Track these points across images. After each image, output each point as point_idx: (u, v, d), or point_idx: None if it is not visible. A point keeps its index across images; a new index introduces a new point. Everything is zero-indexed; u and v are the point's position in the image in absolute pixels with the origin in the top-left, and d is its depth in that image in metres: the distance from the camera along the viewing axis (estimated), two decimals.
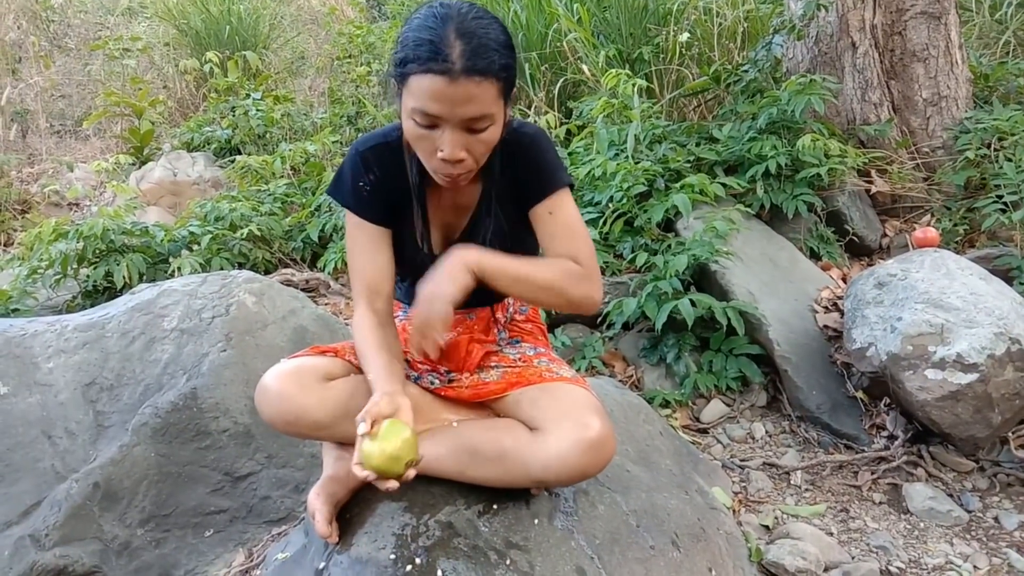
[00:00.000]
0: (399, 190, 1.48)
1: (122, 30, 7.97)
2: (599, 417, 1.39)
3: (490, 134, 1.31)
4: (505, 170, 1.47)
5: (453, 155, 1.28)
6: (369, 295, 1.49)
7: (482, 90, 1.23)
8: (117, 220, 3.53)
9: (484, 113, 1.26)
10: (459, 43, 1.21)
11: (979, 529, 2.14)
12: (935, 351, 2.23)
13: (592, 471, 1.39)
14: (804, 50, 3.86)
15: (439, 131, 1.27)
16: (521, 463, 1.39)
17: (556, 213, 1.48)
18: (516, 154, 1.47)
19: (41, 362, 2.15)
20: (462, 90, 1.22)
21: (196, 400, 2.04)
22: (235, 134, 5.53)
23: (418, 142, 1.32)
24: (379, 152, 1.48)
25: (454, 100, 1.23)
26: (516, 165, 1.47)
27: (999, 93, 3.79)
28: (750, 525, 2.10)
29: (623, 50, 4.29)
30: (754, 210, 3.32)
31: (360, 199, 1.48)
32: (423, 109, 1.24)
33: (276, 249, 3.92)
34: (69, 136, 6.95)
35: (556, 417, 1.40)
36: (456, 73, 1.20)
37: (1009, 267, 2.81)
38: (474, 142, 1.30)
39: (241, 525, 1.99)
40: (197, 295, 2.30)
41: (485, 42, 1.23)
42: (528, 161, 1.48)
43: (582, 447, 1.34)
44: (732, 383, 2.72)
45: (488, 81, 1.23)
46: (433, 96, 1.22)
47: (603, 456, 1.37)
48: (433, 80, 1.21)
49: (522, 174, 1.48)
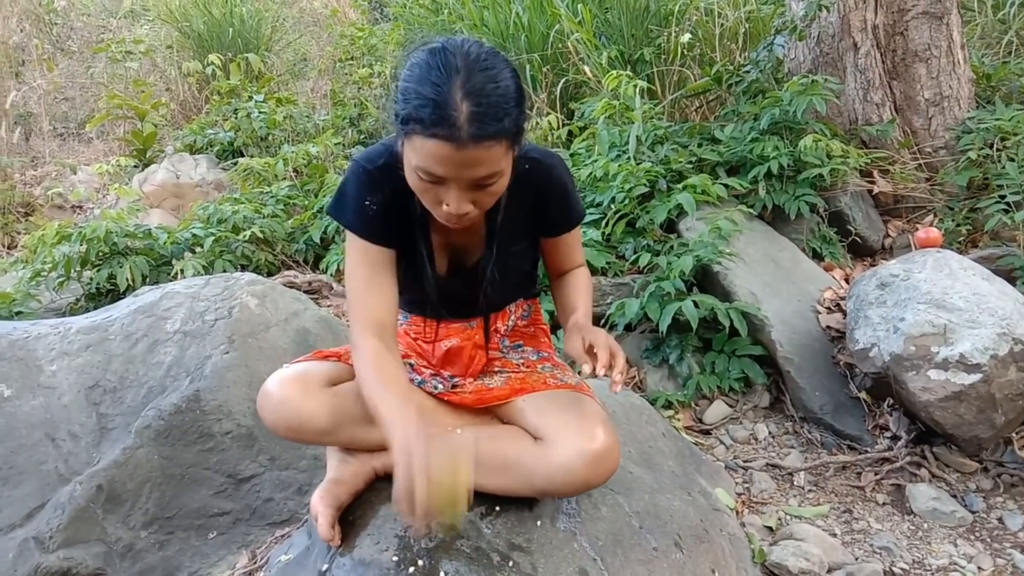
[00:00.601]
0: (407, 211, 1.41)
1: (124, 33, 7.98)
2: (604, 428, 1.38)
3: (498, 186, 1.25)
4: (523, 197, 1.43)
5: (459, 211, 1.23)
6: (376, 328, 1.38)
7: (491, 152, 1.16)
8: (120, 223, 3.54)
9: (493, 172, 1.20)
10: (466, 105, 1.12)
11: (983, 530, 2.13)
12: (938, 351, 2.23)
13: (596, 482, 1.38)
14: (806, 51, 3.86)
15: (444, 187, 1.21)
16: (525, 473, 1.39)
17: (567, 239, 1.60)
18: (538, 186, 1.43)
19: (44, 365, 2.15)
20: (470, 156, 1.15)
21: (199, 402, 2.05)
22: (238, 136, 5.54)
23: (422, 194, 1.26)
24: (387, 170, 1.37)
25: (462, 164, 1.16)
26: (538, 196, 1.44)
27: (1002, 93, 3.79)
28: (753, 526, 2.10)
29: (625, 51, 4.30)
30: (756, 211, 3.32)
31: (365, 219, 1.39)
32: (427, 169, 1.18)
33: (279, 251, 3.92)
34: (72, 139, 6.97)
35: (560, 427, 1.39)
36: (463, 140, 1.12)
37: (1012, 267, 2.80)
38: (481, 196, 1.25)
39: (244, 527, 1.99)
40: (200, 297, 2.31)
41: (494, 101, 1.14)
42: (552, 195, 1.47)
43: (586, 459, 1.33)
44: (735, 384, 2.72)
45: (497, 142, 1.16)
46: (439, 161, 1.16)
47: (607, 468, 1.37)
48: (439, 146, 1.13)
49: (544, 206, 1.46)
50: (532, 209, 1.46)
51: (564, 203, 1.49)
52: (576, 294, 1.57)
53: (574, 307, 1.54)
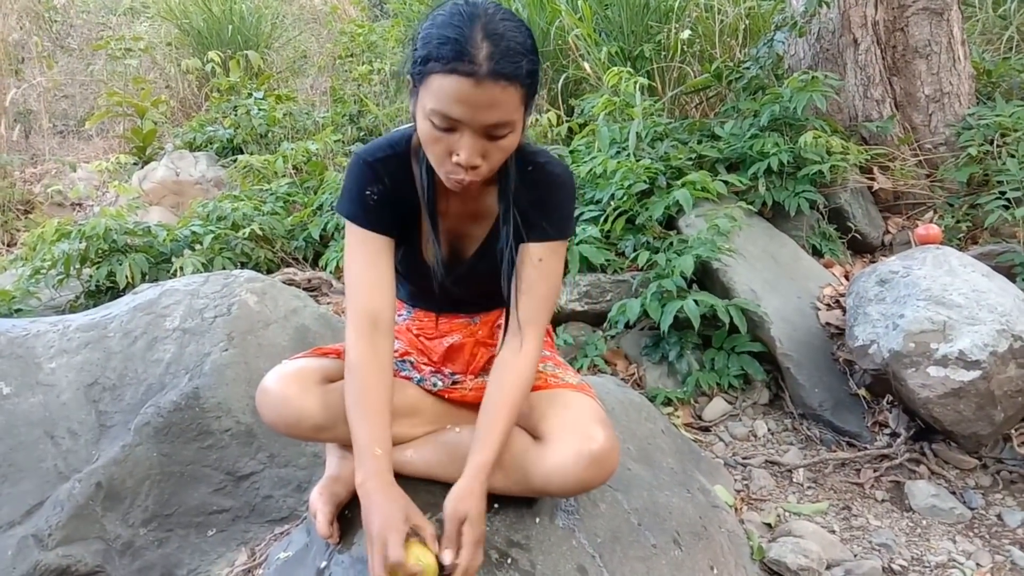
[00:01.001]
0: (407, 202, 1.42)
1: (124, 30, 7.98)
2: (603, 429, 1.37)
3: (509, 141, 1.25)
4: (523, 196, 1.41)
5: (470, 161, 1.22)
6: (370, 325, 1.37)
7: (507, 96, 1.18)
8: (119, 220, 3.54)
9: (506, 120, 1.21)
10: (486, 44, 1.14)
11: (982, 526, 2.13)
12: (937, 348, 2.23)
13: (594, 484, 1.37)
14: (806, 47, 3.86)
15: (457, 135, 1.21)
16: (522, 473, 1.39)
17: (546, 261, 1.44)
18: (540, 188, 1.41)
19: (44, 362, 2.15)
20: (487, 94, 1.16)
21: (198, 400, 2.05)
22: (237, 133, 5.54)
23: (432, 144, 1.25)
24: (387, 162, 1.40)
25: (477, 104, 1.17)
26: (532, 199, 1.41)
27: (1002, 89, 3.78)
28: (752, 523, 2.10)
29: (625, 47, 4.29)
30: (756, 207, 3.31)
31: (366, 209, 1.39)
32: (444, 111, 1.18)
33: (278, 248, 3.92)
34: (72, 136, 6.96)
35: (559, 428, 1.39)
36: (482, 76, 1.14)
37: (1012, 264, 2.80)
38: (492, 148, 1.24)
39: (243, 524, 1.99)
40: (199, 295, 2.31)
41: (513, 45, 1.17)
42: (549, 200, 1.43)
43: (585, 460, 1.32)
44: (734, 381, 2.72)
45: (513, 87, 1.18)
46: (456, 98, 1.16)
47: (606, 469, 1.36)
48: (457, 82, 1.15)
49: (534, 210, 1.42)
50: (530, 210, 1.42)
51: (555, 207, 1.43)
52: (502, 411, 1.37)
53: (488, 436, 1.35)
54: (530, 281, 1.43)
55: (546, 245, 1.43)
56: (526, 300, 1.43)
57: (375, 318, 1.38)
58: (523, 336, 1.42)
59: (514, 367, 1.41)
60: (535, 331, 1.44)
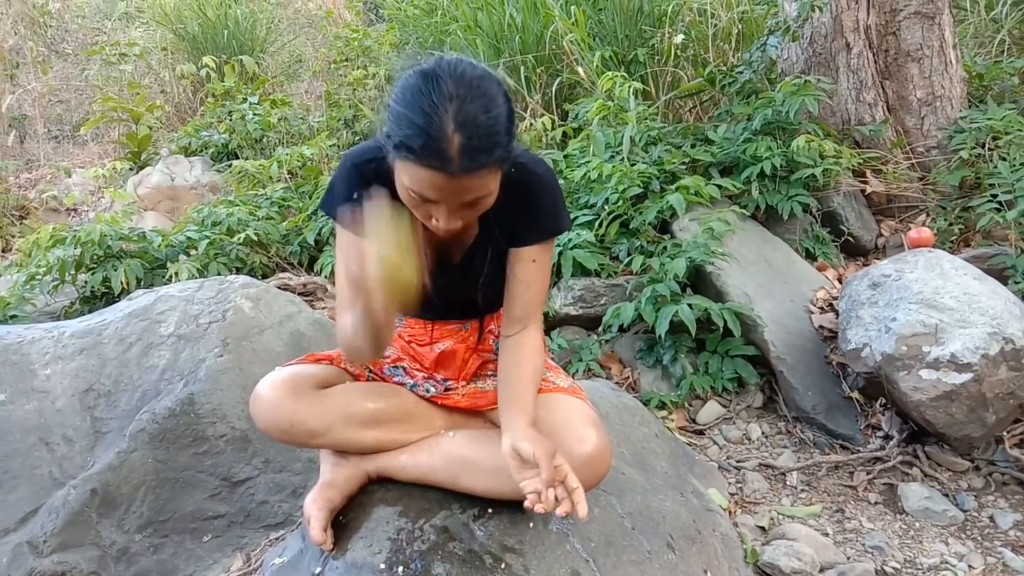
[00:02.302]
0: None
1: (119, 35, 7.98)
2: (595, 431, 1.39)
3: (486, 203, 1.26)
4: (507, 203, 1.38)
5: (448, 228, 1.23)
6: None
7: (482, 180, 1.18)
8: (115, 226, 3.54)
9: (483, 194, 1.21)
10: (457, 137, 1.11)
11: (974, 528, 2.14)
12: (929, 351, 2.24)
13: (587, 485, 1.38)
14: (799, 51, 3.87)
15: (434, 204, 1.21)
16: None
17: (539, 261, 1.46)
18: (523, 193, 1.41)
19: (38, 369, 2.16)
20: (461, 185, 1.16)
21: (193, 406, 2.05)
22: (232, 138, 5.54)
23: (413, 207, 1.25)
24: (375, 166, 1.36)
25: (452, 192, 1.17)
26: (521, 203, 1.41)
27: (994, 92, 3.80)
28: (746, 526, 2.11)
29: (618, 52, 4.31)
30: (749, 211, 3.33)
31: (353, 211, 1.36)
32: (420, 193, 1.18)
33: (273, 253, 3.92)
34: (67, 141, 6.96)
35: (551, 431, 1.39)
36: (455, 171, 1.13)
37: (1004, 266, 2.81)
38: (471, 212, 1.25)
39: (239, 530, 2.00)
40: (194, 300, 2.31)
41: (485, 132, 1.13)
42: (536, 204, 1.43)
43: (578, 463, 1.33)
44: (728, 384, 2.73)
45: (487, 170, 1.17)
46: (430, 188, 1.16)
47: (598, 471, 1.38)
48: (431, 175, 1.14)
49: (520, 212, 1.43)
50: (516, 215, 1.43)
51: (540, 209, 1.44)
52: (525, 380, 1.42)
53: (519, 399, 1.40)
54: (527, 280, 1.46)
55: (539, 246, 1.45)
56: (525, 297, 1.47)
57: None
58: (527, 325, 1.47)
59: (525, 344, 1.46)
60: (537, 320, 1.49)
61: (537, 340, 1.49)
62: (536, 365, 1.46)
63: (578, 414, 1.43)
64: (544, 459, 1.24)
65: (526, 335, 1.47)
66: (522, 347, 1.46)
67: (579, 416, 1.43)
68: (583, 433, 1.37)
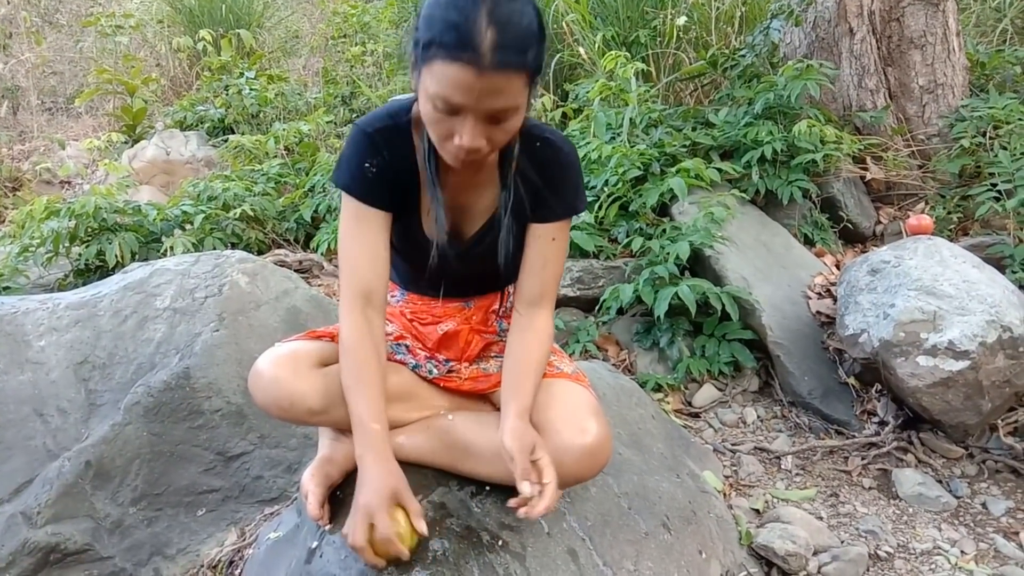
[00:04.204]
0: (407, 174, 1.40)
1: (114, 7, 7.88)
2: (597, 420, 1.38)
3: (512, 123, 1.23)
4: (526, 173, 1.41)
5: (472, 144, 1.19)
6: (363, 300, 1.38)
7: (511, 83, 1.15)
8: (109, 198, 3.51)
9: (510, 105, 1.18)
10: (491, 32, 1.09)
11: (967, 515, 2.15)
12: (927, 338, 2.24)
13: (587, 476, 1.38)
14: (801, 35, 3.85)
15: (459, 118, 1.18)
16: None
17: (558, 240, 1.46)
18: (544, 163, 1.41)
19: (33, 340, 2.14)
20: (491, 84, 1.12)
21: (188, 380, 2.04)
22: (228, 113, 5.50)
23: (434, 125, 1.22)
24: (388, 134, 1.36)
25: (481, 93, 1.13)
26: (541, 175, 1.41)
27: (995, 81, 3.79)
28: (740, 509, 2.12)
29: (620, 33, 4.27)
30: (749, 196, 3.32)
31: (364, 181, 1.36)
32: (446, 97, 1.15)
33: (269, 229, 3.90)
34: (61, 113, 6.90)
35: (553, 419, 1.38)
36: (486, 66, 1.10)
37: (1002, 255, 2.82)
38: (495, 131, 1.21)
39: (233, 504, 1.99)
40: (190, 275, 2.29)
41: (519, 31, 1.13)
42: (560, 179, 1.42)
43: (579, 452, 1.33)
44: (724, 368, 2.73)
45: (518, 74, 1.15)
46: (458, 87, 1.13)
47: (598, 462, 1.37)
48: (461, 70, 1.11)
49: (544, 186, 1.41)
50: (537, 187, 1.42)
51: (564, 184, 1.43)
52: (527, 368, 1.42)
53: (518, 387, 1.40)
54: (544, 259, 1.46)
55: (559, 224, 1.45)
56: (541, 276, 1.46)
57: (368, 293, 1.38)
58: (539, 307, 1.47)
59: (535, 330, 1.46)
60: (549, 303, 1.49)
61: (547, 327, 1.48)
62: (541, 354, 1.45)
63: (581, 403, 1.42)
64: (519, 453, 1.26)
65: (538, 319, 1.47)
66: (531, 332, 1.46)
67: (581, 405, 1.41)
68: (585, 424, 1.36)
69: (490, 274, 1.48)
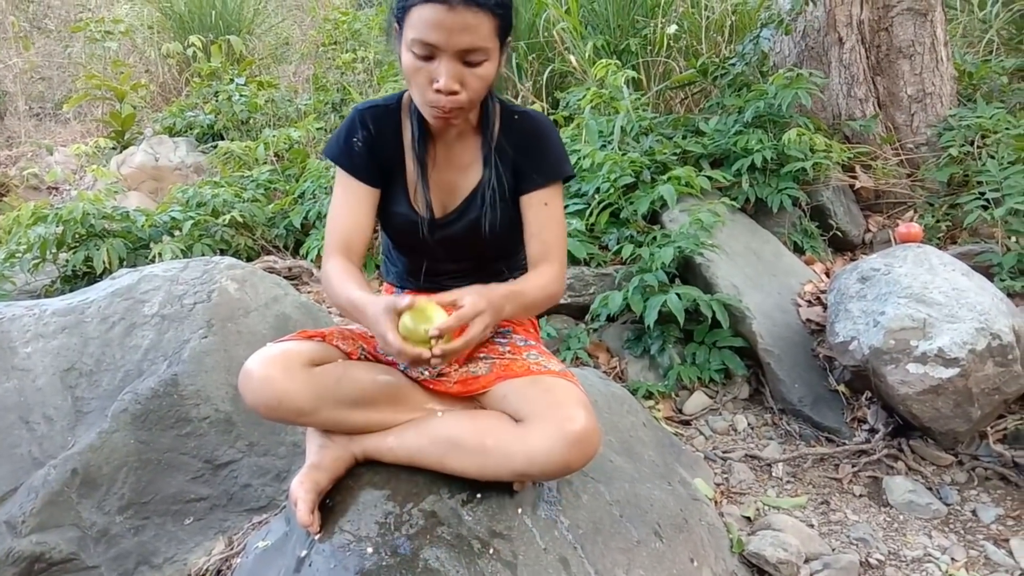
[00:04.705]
0: (392, 152, 1.56)
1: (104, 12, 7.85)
2: (584, 410, 1.38)
3: (485, 69, 1.38)
4: (507, 147, 1.55)
5: (448, 85, 1.35)
6: (344, 249, 1.52)
7: (478, 21, 1.31)
8: (97, 204, 3.49)
9: (479, 46, 1.34)
10: None
11: (957, 522, 2.16)
12: (917, 345, 2.25)
13: (576, 465, 1.37)
14: (791, 44, 3.87)
15: (435, 62, 1.34)
16: (504, 454, 1.38)
17: (551, 205, 1.57)
18: (523, 134, 1.56)
19: (19, 347, 2.12)
20: (460, 19, 1.30)
21: (177, 387, 2.02)
22: (218, 119, 5.48)
23: (415, 75, 1.37)
24: (377, 113, 1.56)
25: (451, 28, 1.30)
26: (522, 147, 1.55)
27: (983, 91, 3.82)
28: (732, 516, 2.11)
29: (611, 41, 4.29)
30: (739, 203, 3.32)
31: (352, 155, 1.54)
32: (422, 38, 1.32)
33: (259, 236, 3.88)
34: (49, 119, 6.85)
35: (541, 409, 1.39)
36: (454, 2, 1.28)
37: (990, 263, 2.84)
38: (469, 76, 1.37)
39: (221, 513, 1.97)
40: (178, 281, 2.28)
41: None
42: (536, 145, 1.56)
43: (567, 440, 1.33)
44: (715, 375, 2.73)
45: (484, 14, 1.31)
46: (432, 24, 1.30)
47: (587, 450, 1.36)
48: (433, 9, 1.29)
49: (526, 156, 1.55)
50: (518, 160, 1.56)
51: (544, 150, 1.56)
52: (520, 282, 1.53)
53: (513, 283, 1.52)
54: (540, 224, 1.57)
55: (547, 189, 1.57)
56: (540, 239, 1.57)
57: (348, 245, 1.53)
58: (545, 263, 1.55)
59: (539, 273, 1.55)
60: (556, 261, 1.56)
61: (551, 272, 1.55)
62: (539, 282, 1.52)
63: (568, 394, 1.42)
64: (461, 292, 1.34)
65: (544, 266, 1.56)
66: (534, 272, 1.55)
67: (568, 396, 1.42)
68: (572, 412, 1.36)
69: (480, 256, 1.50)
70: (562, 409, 1.38)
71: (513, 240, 1.64)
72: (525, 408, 1.42)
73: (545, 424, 1.35)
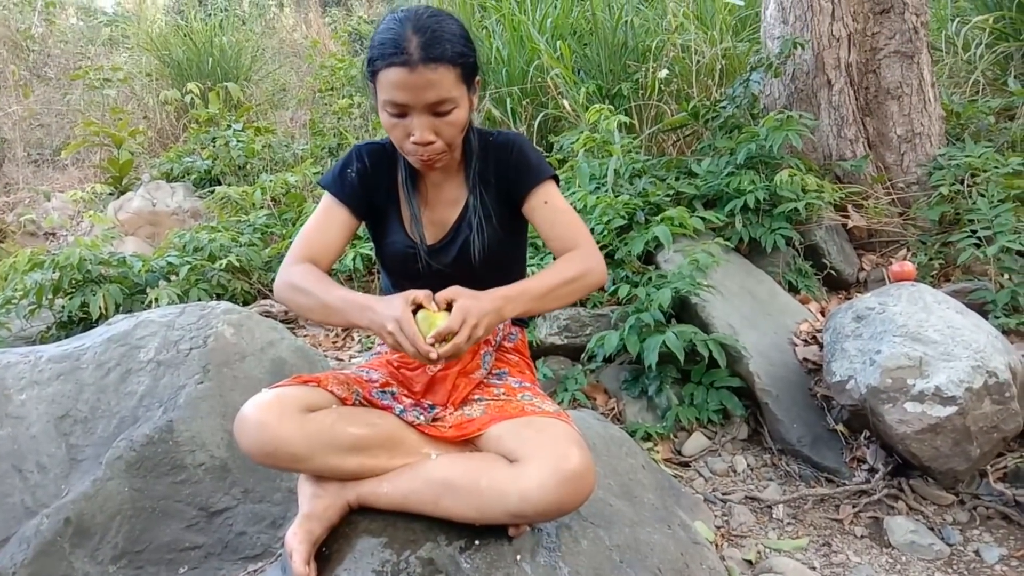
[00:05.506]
0: (385, 188, 1.65)
1: (103, 61, 7.96)
2: (579, 448, 1.37)
3: (456, 116, 1.46)
4: (488, 172, 1.62)
5: (423, 138, 1.44)
6: (310, 261, 1.56)
7: (440, 75, 1.39)
8: (94, 250, 3.50)
9: (445, 97, 1.41)
10: (416, 37, 1.37)
11: (960, 563, 2.14)
12: (914, 384, 2.25)
13: (570, 505, 1.35)
14: (781, 87, 3.93)
15: (408, 118, 1.43)
16: (498, 494, 1.36)
17: (551, 202, 1.61)
18: (500, 158, 1.62)
19: (13, 394, 2.10)
20: (422, 78, 1.37)
21: (172, 433, 2.01)
22: (215, 164, 5.52)
23: (392, 130, 1.47)
24: (374, 150, 1.65)
25: (416, 87, 1.38)
26: (500, 167, 1.62)
27: (971, 130, 3.88)
28: (733, 560, 2.09)
29: (603, 86, 4.36)
30: (733, 244, 3.35)
31: (343, 183, 1.62)
32: (391, 99, 1.41)
33: (255, 280, 3.89)
34: (47, 165, 6.90)
35: (535, 449, 1.38)
36: (415, 63, 1.36)
37: (984, 300, 2.85)
38: (442, 125, 1.45)
39: (216, 561, 1.95)
40: (175, 326, 2.28)
41: (439, 34, 1.38)
42: (511, 160, 1.62)
43: (561, 478, 1.31)
44: (713, 416, 2.72)
45: (444, 67, 1.39)
46: (397, 86, 1.38)
47: (582, 488, 1.35)
48: (396, 72, 1.37)
49: (507, 173, 1.62)
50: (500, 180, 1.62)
51: (520, 160, 1.61)
52: (544, 270, 1.54)
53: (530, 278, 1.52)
54: (550, 221, 1.60)
55: (540, 188, 1.61)
56: (557, 232, 1.60)
57: (315, 261, 1.57)
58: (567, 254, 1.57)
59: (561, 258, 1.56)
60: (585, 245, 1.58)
61: (574, 255, 1.55)
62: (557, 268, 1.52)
63: (562, 434, 1.41)
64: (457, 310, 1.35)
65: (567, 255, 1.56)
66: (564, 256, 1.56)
67: (562, 436, 1.41)
68: (566, 451, 1.35)
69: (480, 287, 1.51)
70: (556, 448, 1.37)
71: (506, 264, 1.69)
72: (519, 448, 1.40)
73: (539, 463, 1.34)
